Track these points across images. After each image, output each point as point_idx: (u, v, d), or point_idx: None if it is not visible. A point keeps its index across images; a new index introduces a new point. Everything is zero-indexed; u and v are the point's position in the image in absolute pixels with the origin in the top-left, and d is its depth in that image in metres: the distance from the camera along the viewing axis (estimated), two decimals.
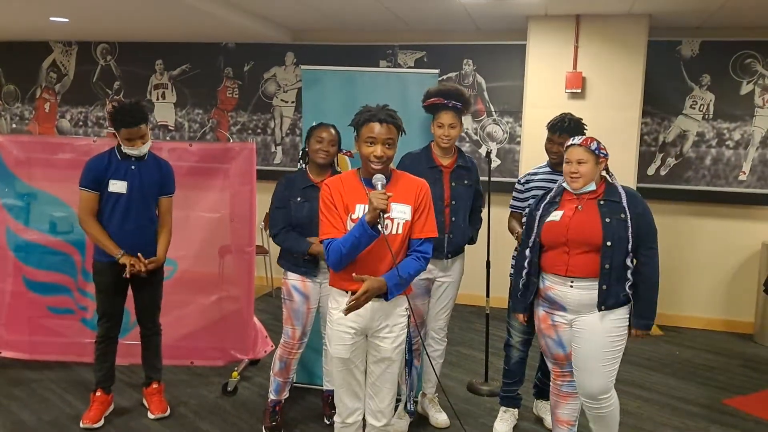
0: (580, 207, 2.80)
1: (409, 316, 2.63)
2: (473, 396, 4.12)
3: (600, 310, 2.75)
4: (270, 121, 6.57)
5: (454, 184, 3.39)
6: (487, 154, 4.22)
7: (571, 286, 2.77)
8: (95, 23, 5.92)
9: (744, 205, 5.55)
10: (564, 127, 3.27)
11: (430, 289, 3.45)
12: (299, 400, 3.87)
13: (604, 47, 5.21)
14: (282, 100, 6.51)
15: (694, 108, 5.58)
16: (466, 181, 3.42)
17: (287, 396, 3.57)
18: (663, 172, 5.69)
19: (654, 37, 5.25)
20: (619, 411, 2.95)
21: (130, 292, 3.56)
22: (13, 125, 7.27)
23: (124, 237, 3.40)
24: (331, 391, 3.28)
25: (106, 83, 6.96)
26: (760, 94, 5.45)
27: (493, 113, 6.00)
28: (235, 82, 6.61)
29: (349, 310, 2.45)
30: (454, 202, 3.38)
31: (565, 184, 2.89)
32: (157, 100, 6.83)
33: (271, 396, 3.51)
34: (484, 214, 3.68)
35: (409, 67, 6.07)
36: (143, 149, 3.43)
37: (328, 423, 3.57)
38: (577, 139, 2.83)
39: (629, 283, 2.75)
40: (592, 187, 2.82)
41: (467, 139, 6.05)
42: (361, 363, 2.61)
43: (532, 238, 2.89)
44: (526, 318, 3.01)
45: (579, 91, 5.21)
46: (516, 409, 3.65)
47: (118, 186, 3.39)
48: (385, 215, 2.44)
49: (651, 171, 5.70)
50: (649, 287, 2.78)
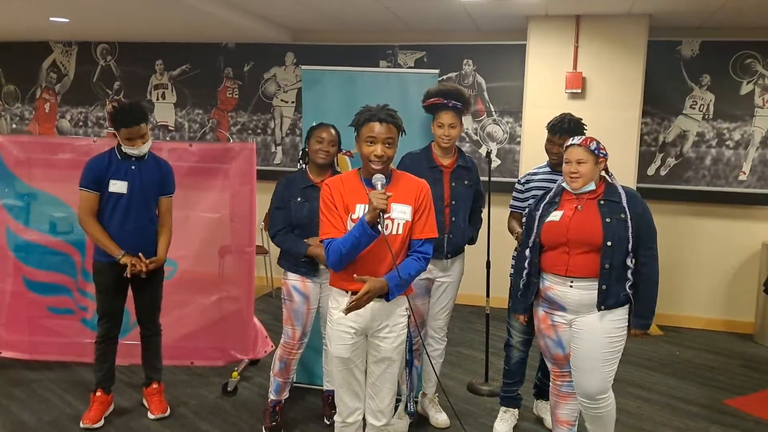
0: (579, 207, 2.80)
1: (409, 316, 2.63)
2: (473, 396, 4.12)
3: (600, 310, 2.75)
4: (270, 122, 6.57)
5: (454, 184, 3.38)
6: (487, 154, 4.23)
7: (571, 286, 2.77)
8: (95, 23, 5.92)
9: (744, 205, 5.55)
10: (564, 128, 3.27)
11: (430, 289, 3.45)
12: (299, 400, 3.87)
13: (604, 47, 5.21)
14: (282, 101, 6.51)
15: (694, 108, 5.58)
16: (466, 182, 3.42)
17: (287, 396, 3.56)
18: (663, 172, 5.69)
19: (654, 37, 5.25)
20: (618, 411, 2.95)
21: (130, 292, 3.56)
22: (13, 125, 7.27)
23: (124, 237, 3.40)
24: (331, 391, 3.28)
25: (106, 83, 6.96)
26: (760, 94, 5.45)
27: (493, 113, 6.00)
28: (235, 82, 6.61)
29: (349, 310, 2.45)
30: (454, 202, 3.38)
31: (564, 184, 2.89)
32: (157, 100, 6.83)
33: (271, 396, 3.51)
34: (484, 214, 3.68)
35: (409, 67, 6.07)
36: (143, 149, 3.43)
37: (328, 423, 3.57)
38: (576, 139, 2.83)
39: (629, 283, 2.76)
40: (592, 187, 2.82)
41: (467, 139, 6.05)
42: (362, 363, 2.62)
43: (532, 238, 2.89)
44: (527, 318, 3.02)
45: (579, 91, 5.21)
46: (516, 409, 3.65)
47: (118, 186, 3.39)
48: (385, 215, 2.45)
49: (651, 171, 5.70)
50: (648, 287, 2.78)
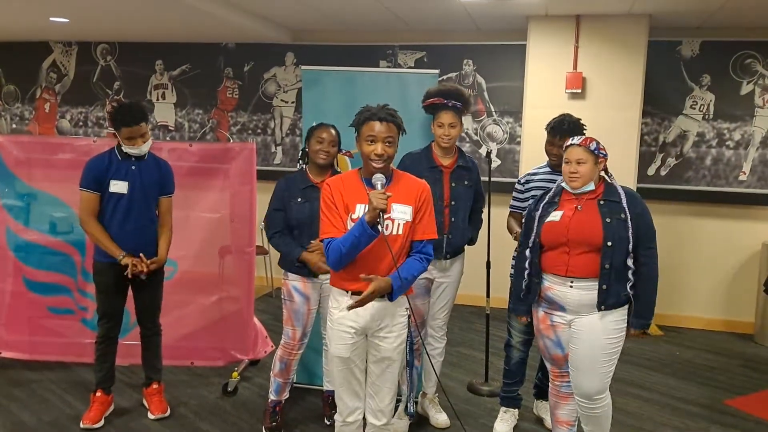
0: (579, 207, 2.80)
1: (409, 316, 2.63)
2: (473, 396, 4.12)
3: (600, 310, 2.75)
4: (270, 122, 6.57)
5: (454, 184, 3.38)
6: (488, 154, 4.22)
7: (571, 287, 2.77)
8: (95, 23, 5.92)
9: (744, 205, 5.55)
10: (564, 129, 3.27)
11: (429, 289, 3.45)
12: (299, 401, 3.87)
13: (604, 47, 5.21)
14: (282, 101, 6.51)
15: (695, 108, 5.58)
16: (466, 182, 3.42)
17: (287, 396, 3.56)
18: (663, 173, 5.69)
19: (654, 37, 5.25)
20: (618, 411, 2.95)
21: (130, 292, 3.56)
22: (13, 125, 7.27)
23: (125, 237, 3.40)
24: (332, 391, 3.28)
25: (106, 83, 6.96)
26: (760, 94, 5.45)
27: (494, 113, 6.00)
28: (235, 82, 6.61)
29: (351, 307, 2.46)
30: (453, 203, 3.37)
31: (564, 184, 2.88)
32: (157, 100, 6.82)
33: (272, 396, 3.51)
34: (484, 214, 3.67)
35: (409, 67, 6.07)
36: (144, 148, 3.42)
37: (328, 423, 3.57)
38: (576, 139, 2.83)
39: (630, 284, 2.76)
40: (591, 187, 2.82)
41: (467, 139, 6.05)
42: (362, 362, 2.62)
43: (532, 238, 2.89)
44: (529, 319, 3.01)
45: (579, 91, 5.21)
46: (516, 409, 3.65)
47: (119, 186, 3.39)
48: (385, 215, 2.45)
49: (651, 171, 5.70)
50: (647, 287, 2.78)
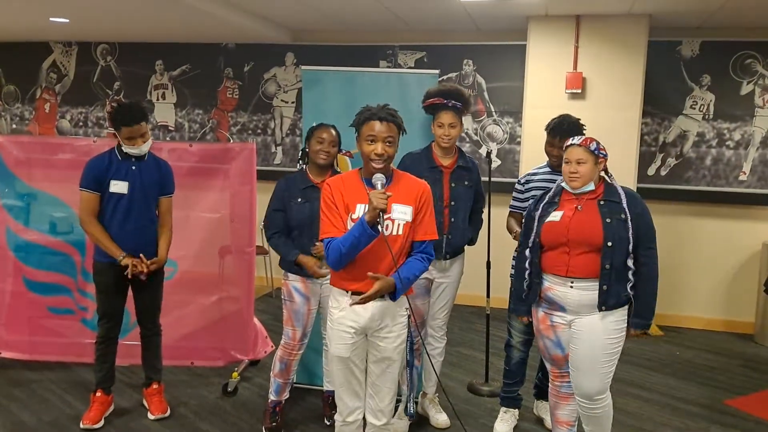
0: (579, 207, 2.80)
1: (409, 316, 2.63)
2: (473, 396, 4.12)
3: (601, 311, 2.75)
4: (270, 122, 6.57)
5: (453, 184, 3.38)
6: (488, 154, 4.22)
7: (572, 287, 2.77)
8: (95, 24, 5.92)
9: (744, 206, 5.55)
10: (563, 130, 3.26)
11: (429, 289, 3.45)
12: (299, 401, 3.87)
13: (605, 47, 5.21)
14: (282, 101, 6.51)
15: (695, 108, 5.58)
16: (466, 182, 3.42)
17: (287, 396, 3.56)
18: (663, 173, 5.69)
19: (654, 37, 5.25)
20: (619, 411, 2.95)
21: (130, 292, 3.56)
22: (14, 126, 7.27)
23: (125, 238, 3.40)
24: (332, 391, 3.28)
25: (106, 84, 6.96)
26: (760, 95, 5.45)
27: (494, 113, 6.00)
28: (235, 82, 6.61)
29: (354, 303, 2.47)
30: (453, 203, 3.37)
31: (563, 184, 2.88)
32: (158, 100, 6.82)
33: (272, 397, 3.51)
34: (484, 214, 3.67)
35: (410, 67, 6.07)
36: (144, 148, 3.42)
37: (328, 423, 3.57)
38: (576, 139, 2.83)
39: (630, 284, 2.76)
40: (591, 187, 2.82)
41: (467, 139, 6.05)
42: (361, 362, 2.62)
43: (532, 238, 2.89)
44: (530, 319, 3.01)
45: (579, 91, 5.21)
46: (516, 409, 3.65)
47: (119, 186, 3.38)
48: (385, 216, 2.45)
49: (651, 171, 5.70)
50: (647, 288, 2.78)
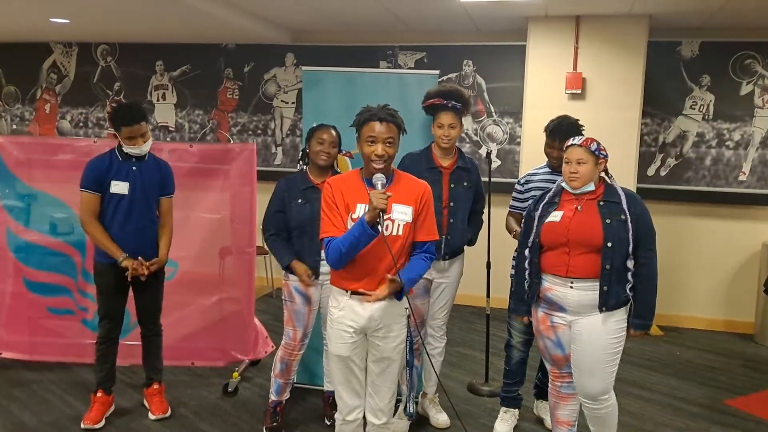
0: (579, 207, 2.80)
1: (408, 316, 2.64)
2: (474, 396, 4.12)
3: (601, 311, 2.75)
4: (270, 122, 6.57)
5: (453, 185, 3.38)
6: (488, 154, 4.22)
7: (572, 287, 2.77)
8: (95, 24, 5.92)
9: (744, 206, 5.55)
10: (562, 131, 3.26)
11: (429, 289, 3.45)
12: (300, 401, 3.87)
13: (604, 48, 5.21)
14: (282, 101, 6.52)
15: (694, 108, 5.58)
16: (465, 183, 3.42)
17: (288, 397, 3.57)
18: (663, 173, 5.69)
19: (654, 37, 5.25)
20: (620, 411, 2.95)
21: (130, 293, 3.56)
22: (14, 126, 7.27)
23: (126, 238, 3.40)
24: (332, 391, 3.28)
25: (106, 84, 6.96)
26: (759, 95, 5.45)
27: (493, 114, 6.00)
28: (235, 83, 6.62)
29: (369, 301, 2.48)
30: (452, 204, 3.37)
31: (564, 184, 2.89)
32: (158, 101, 6.83)
33: (272, 397, 3.51)
34: (484, 215, 3.67)
35: (410, 67, 6.07)
36: (144, 148, 3.42)
37: (328, 423, 3.57)
38: (577, 140, 2.83)
39: (630, 285, 2.76)
40: (591, 187, 2.82)
41: (467, 139, 6.05)
42: (361, 361, 2.63)
43: (531, 238, 2.89)
44: (530, 319, 3.01)
45: (579, 91, 5.21)
46: (516, 409, 3.65)
47: (120, 187, 3.38)
48: (385, 216, 2.45)
49: (651, 171, 5.70)
50: (647, 288, 2.78)
